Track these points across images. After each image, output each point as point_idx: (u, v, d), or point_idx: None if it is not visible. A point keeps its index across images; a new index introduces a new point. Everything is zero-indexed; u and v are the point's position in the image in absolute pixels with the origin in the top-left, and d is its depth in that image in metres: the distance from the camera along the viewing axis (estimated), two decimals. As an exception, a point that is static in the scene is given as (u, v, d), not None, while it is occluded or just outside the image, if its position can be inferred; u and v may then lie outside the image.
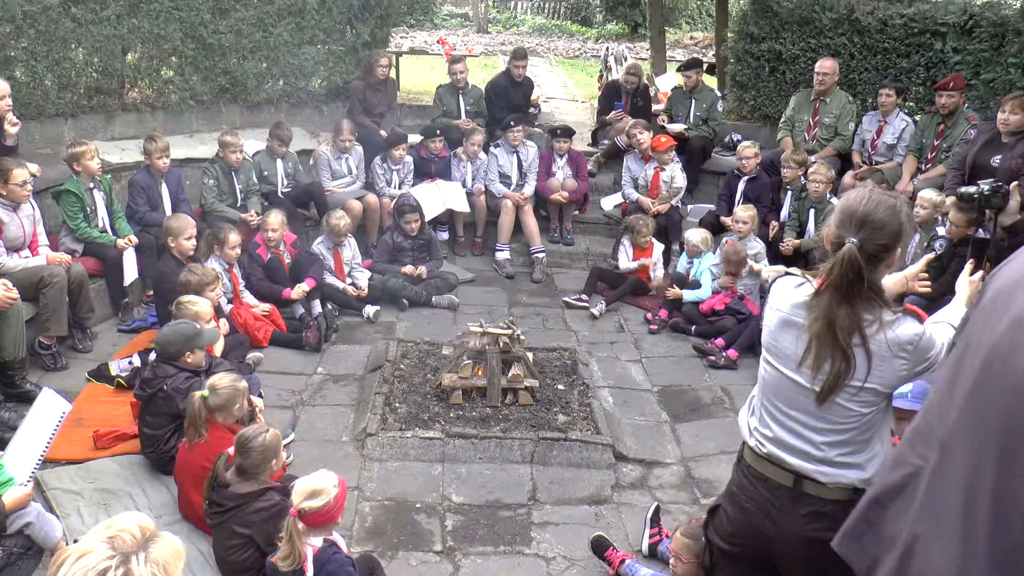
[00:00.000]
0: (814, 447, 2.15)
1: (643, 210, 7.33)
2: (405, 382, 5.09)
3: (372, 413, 4.67)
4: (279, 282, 5.99)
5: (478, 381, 4.88)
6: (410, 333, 6.02)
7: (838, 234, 2.05)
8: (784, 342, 2.14)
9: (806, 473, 2.14)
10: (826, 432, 2.15)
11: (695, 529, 3.13)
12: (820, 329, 2.04)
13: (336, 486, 2.93)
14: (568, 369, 5.41)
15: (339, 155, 7.26)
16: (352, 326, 6.18)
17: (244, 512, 3.20)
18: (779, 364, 2.16)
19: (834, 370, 2.05)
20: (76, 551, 1.36)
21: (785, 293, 2.18)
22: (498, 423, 4.68)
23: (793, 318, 2.13)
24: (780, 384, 2.17)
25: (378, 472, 4.29)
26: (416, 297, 6.52)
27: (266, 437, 3.27)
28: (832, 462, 2.15)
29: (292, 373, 5.35)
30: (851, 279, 2.00)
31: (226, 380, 3.64)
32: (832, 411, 2.13)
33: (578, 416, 4.82)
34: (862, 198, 2.07)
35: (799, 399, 2.14)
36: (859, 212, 2.04)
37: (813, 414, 2.14)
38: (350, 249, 6.54)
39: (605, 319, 6.57)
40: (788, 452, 2.18)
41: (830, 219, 2.14)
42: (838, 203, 2.13)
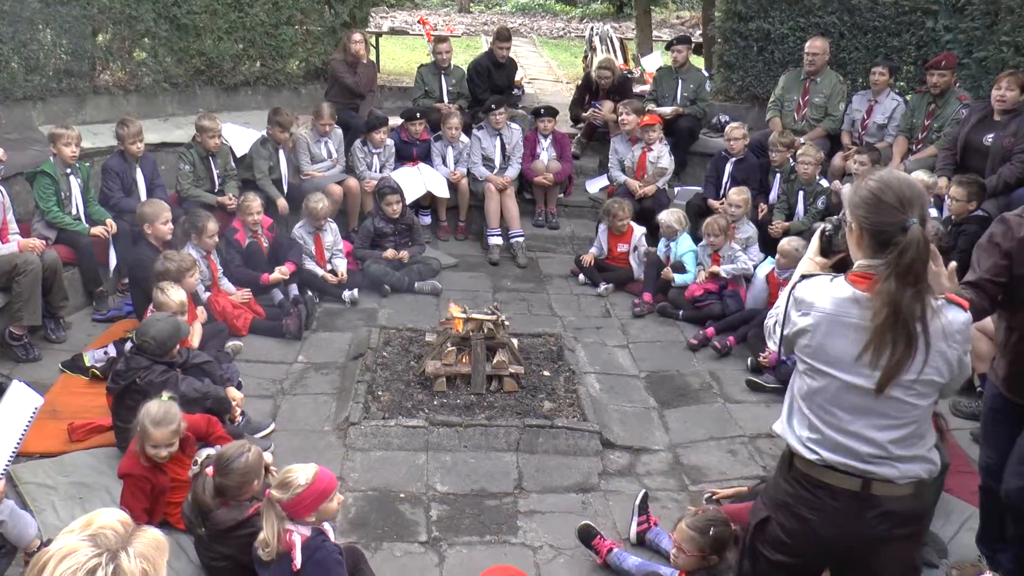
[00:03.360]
0: (880, 447, 2.15)
1: (630, 193, 7.34)
2: (388, 370, 5.06)
3: (354, 402, 4.64)
4: (258, 268, 5.94)
5: (462, 368, 4.87)
6: (392, 319, 5.99)
7: (894, 219, 2.04)
8: (836, 345, 2.10)
9: (875, 475, 2.16)
10: (889, 429, 2.14)
11: (701, 522, 3.12)
12: (886, 317, 2.01)
13: (304, 484, 2.87)
14: (554, 355, 5.41)
15: (318, 138, 7.20)
16: (333, 313, 6.14)
17: (231, 539, 3.14)
18: (832, 370, 2.11)
19: (895, 357, 2.04)
20: (58, 551, 1.33)
21: (822, 294, 2.12)
22: (483, 410, 4.66)
23: (844, 318, 2.09)
24: (834, 391, 2.14)
25: (361, 462, 4.28)
26: (398, 283, 6.50)
27: (248, 457, 3.18)
28: (901, 458, 2.16)
29: (272, 362, 5.32)
30: (922, 262, 2.01)
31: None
32: (892, 407, 2.13)
33: (564, 403, 4.81)
34: (900, 179, 2.10)
35: (857, 401, 2.13)
36: (909, 193, 2.05)
37: (874, 413, 2.14)
38: (331, 234, 6.50)
39: (592, 304, 6.58)
40: (852, 457, 2.15)
41: (855, 208, 2.11)
42: (868, 189, 2.10)
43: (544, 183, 7.65)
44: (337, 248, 6.53)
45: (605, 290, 6.71)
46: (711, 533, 3.07)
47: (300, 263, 6.16)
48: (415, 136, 7.58)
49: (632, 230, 6.89)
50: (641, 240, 6.90)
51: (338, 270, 6.41)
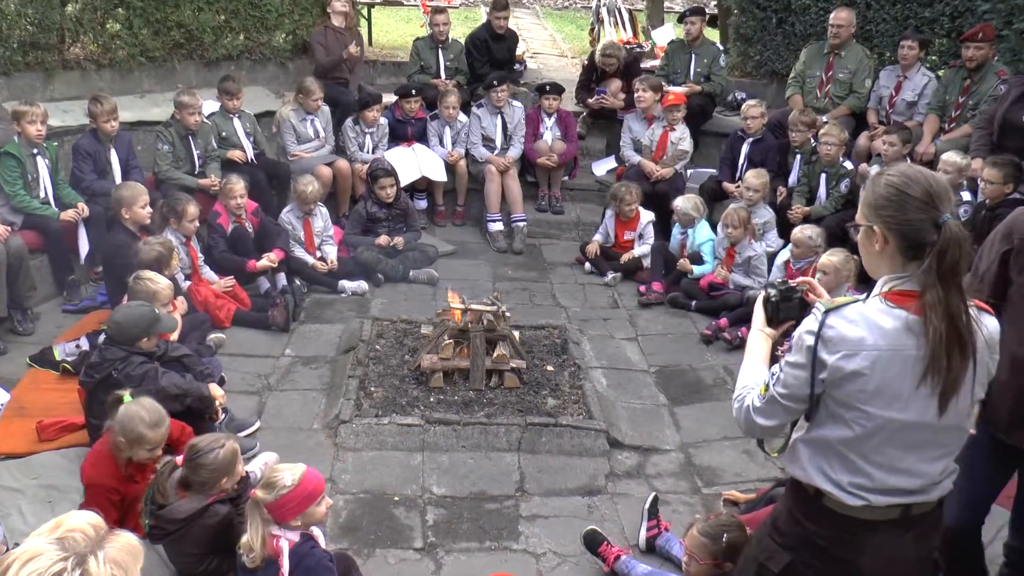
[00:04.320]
0: (930, 478, 2.15)
1: (645, 175, 7.30)
2: (381, 364, 5.05)
3: (345, 398, 4.63)
4: (243, 254, 5.92)
5: (460, 362, 4.85)
6: (386, 310, 5.97)
7: (925, 216, 1.99)
8: (895, 384, 2.02)
9: (916, 501, 2.16)
10: (942, 458, 2.15)
11: (713, 527, 3.10)
12: (946, 328, 1.96)
13: (291, 485, 2.86)
14: (558, 348, 5.40)
15: (304, 116, 7.16)
16: (322, 303, 6.13)
17: (189, 532, 3.12)
18: (890, 412, 2.05)
19: (952, 371, 1.99)
20: (23, 554, 1.33)
21: (867, 326, 2.01)
22: (482, 408, 4.66)
23: (902, 351, 2.00)
24: (890, 433, 2.07)
25: (352, 462, 4.27)
26: (392, 271, 6.48)
27: (219, 453, 3.15)
28: (941, 481, 2.19)
29: (257, 355, 5.31)
30: (965, 261, 1.98)
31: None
32: (951, 436, 2.12)
33: (569, 399, 4.81)
34: (922, 172, 2.05)
35: (915, 437, 2.09)
36: (936, 186, 2.01)
37: (932, 445, 2.11)
38: (321, 219, 6.47)
39: (599, 293, 6.56)
40: (901, 494, 2.14)
41: (878, 210, 2.04)
42: (891, 184, 2.03)
43: (548, 165, 7.61)
44: (327, 234, 6.51)
45: (612, 279, 6.69)
46: (725, 540, 3.05)
47: (288, 250, 6.15)
48: (410, 114, 7.54)
49: (640, 216, 6.87)
50: (648, 228, 6.88)
51: (328, 257, 6.39)
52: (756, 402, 2.17)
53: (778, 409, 2.14)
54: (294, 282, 6.11)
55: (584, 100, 8.48)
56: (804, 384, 2.06)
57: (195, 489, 3.17)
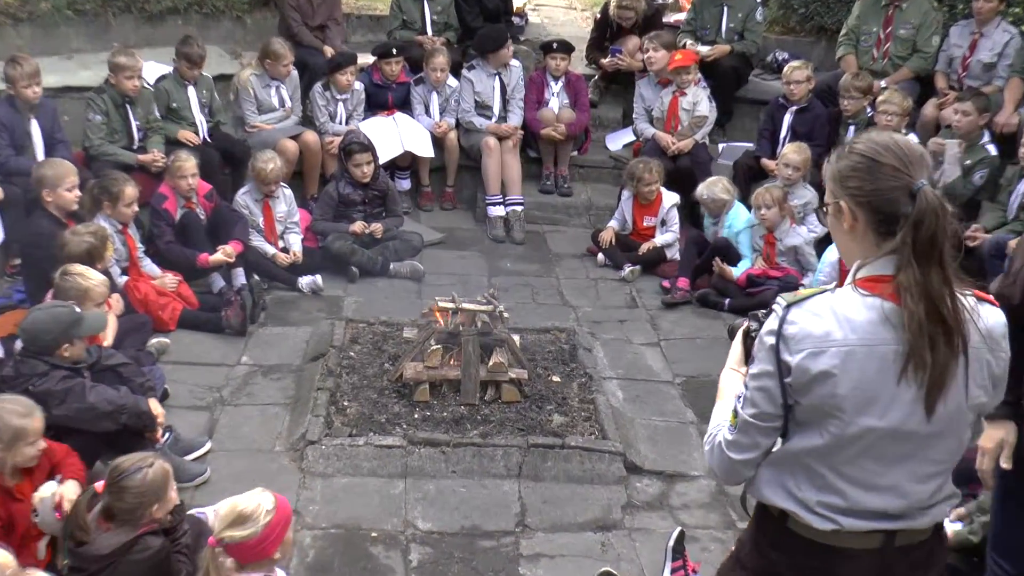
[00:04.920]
0: (918, 499, 2.13)
1: (661, 150, 7.26)
2: (356, 374, 5.04)
3: (313, 415, 4.62)
4: (194, 245, 5.91)
5: (450, 372, 4.84)
6: (362, 310, 5.95)
7: (898, 183, 2.00)
8: (872, 384, 2.03)
9: (901, 528, 2.14)
10: (934, 477, 2.13)
11: None
12: (924, 311, 1.96)
13: (271, 511, 2.91)
14: (565, 355, 5.38)
15: (268, 82, 7.14)
16: (286, 302, 6.11)
17: (117, 571, 3.06)
18: (868, 418, 2.05)
19: (939, 361, 1.98)
20: None
21: (836, 319, 2.02)
22: (476, 426, 4.64)
23: (878, 346, 2.01)
24: (870, 442, 2.06)
25: (322, 491, 4.26)
26: (369, 264, 6.45)
27: (147, 474, 3.13)
28: (935, 504, 2.16)
29: (209, 364, 5.30)
30: (943, 233, 1.96)
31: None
32: (942, 449, 2.11)
33: (578, 416, 4.80)
34: (894, 138, 2.09)
35: (899, 449, 2.09)
36: (909, 152, 2.03)
37: (918, 459, 2.10)
38: (284, 203, 6.45)
39: (614, 290, 6.56)
40: (881, 519, 2.13)
41: (844, 181, 2.06)
42: (858, 152, 2.06)
43: (554, 137, 7.60)
44: (291, 220, 6.49)
45: (630, 273, 6.68)
46: None
47: (247, 241, 6.13)
48: (391, 78, 7.52)
49: (662, 198, 6.84)
50: (672, 213, 6.85)
51: (292, 248, 6.37)
52: (727, 435, 2.17)
53: (753, 434, 2.13)
54: (252, 277, 6.10)
55: (597, 61, 8.47)
56: (774, 394, 2.07)
57: (121, 519, 3.14)
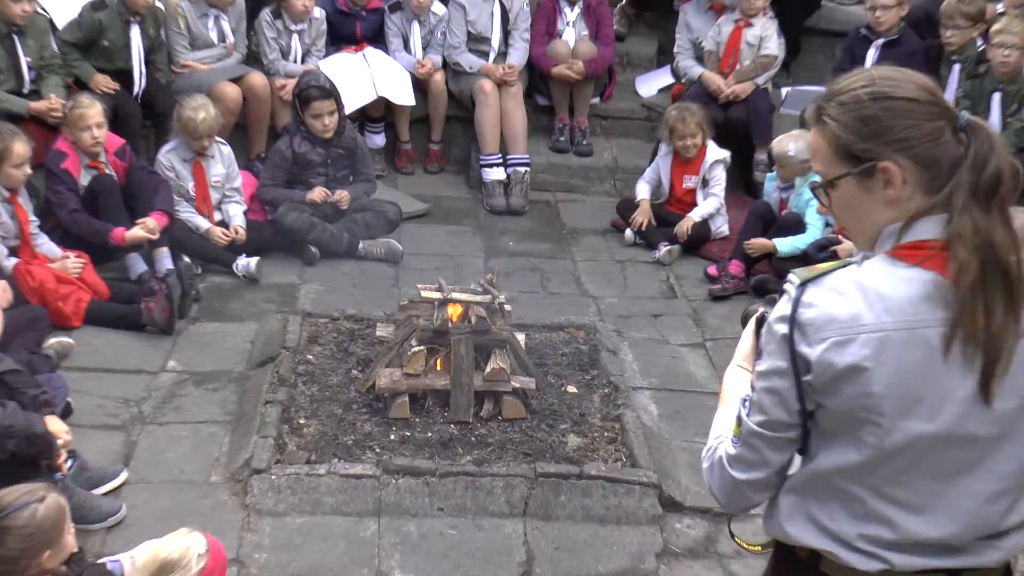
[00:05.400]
0: (986, 528, 2.10)
1: (709, 96, 7.27)
2: (315, 383, 5.04)
3: (260, 436, 4.60)
4: (106, 217, 5.91)
5: (436, 381, 4.84)
6: (323, 302, 5.95)
7: (945, 118, 2.02)
8: (915, 376, 2.02)
9: (966, 565, 2.12)
10: (1004, 496, 2.09)
11: None
12: (980, 264, 1.93)
13: (203, 556, 2.95)
14: (584, 360, 5.38)
15: (206, 10, 7.15)
16: (224, 291, 6.11)
17: None
18: (908, 423, 2.03)
19: (995, 322, 1.94)
20: None
21: (866, 298, 2.01)
22: (469, 450, 4.64)
23: (922, 328, 2.00)
24: (916, 453, 2.05)
25: (272, 534, 4.24)
26: (332, 242, 6.46)
27: (37, 511, 3.11)
28: (1006, 532, 2.13)
29: (125, 371, 5.30)
30: (1003, 169, 1.97)
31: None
32: (1010, 455, 2.08)
33: (600, 437, 4.81)
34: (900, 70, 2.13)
35: (956, 459, 2.07)
36: (927, 81, 2.07)
37: (984, 471, 2.07)
38: (221, 163, 6.46)
39: (647, 275, 6.55)
40: (940, 555, 2.10)
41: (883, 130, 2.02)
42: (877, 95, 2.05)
43: (569, 77, 7.61)
44: (231, 186, 6.50)
45: (667, 254, 6.68)
46: None
47: (173, 212, 6.13)
48: (359, 4, 7.51)
49: (705, 153, 6.85)
50: (716, 171, 6.84)
51: (232, 222, 6.37)
52: (730, 448, 2.15)
53: (761, 447, 2.10)
54: (181, 259, 6.08)
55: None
56: (788, 397, 2.04)
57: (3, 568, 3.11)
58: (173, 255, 6.07)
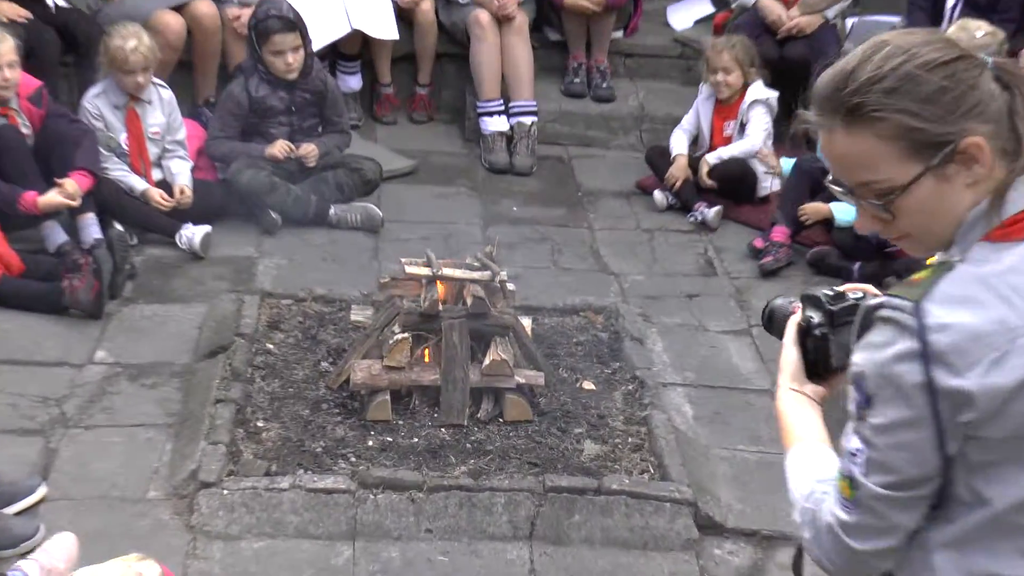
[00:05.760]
0: None
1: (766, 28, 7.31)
2: (277, 378, 5.07)
3: (210, 442, 4.61)
4: (15, 179, 5.87)
5: (424, 375, 4.86)
6: (286, 279, 5.97)
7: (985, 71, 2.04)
8: None
9: None
10: None
11: None
12: None
13: None
14: (604, 350, 5.41)
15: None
16: (166, 266, 6.12)
17: None
18: None
19: None
20: None
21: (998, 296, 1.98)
22: (464, 459, 4.66)
23: None
24: None
25: (223, 561, 4.24)
26: (297, 207, 6.48)
27: None
28: None
29: (43, 363, 5.30)
30: None
31: None
32: None
33: (624, 444, 4.84)
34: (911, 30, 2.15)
35: None
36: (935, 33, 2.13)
37: None
38: (160, 110, 6.44)
39: (681, 247, 6.57)
40: None
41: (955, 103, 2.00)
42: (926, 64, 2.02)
43: (584, 7, 7.61)
44: (173, 139, 6.49)
45: (708, 216, 6.71)
46: None
47: (100, 171, 6.13)
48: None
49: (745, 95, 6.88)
50: (754, 111, 6.85)
51: (176, 182, 6.36)
52: (841, 514, 2.09)
53: (889, 512, 2.05)
54: (112, 227, 6.08)
55: None
56: (926, 448, 1.99)
57: None
58: (102, 222, 6.06)
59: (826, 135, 2.04)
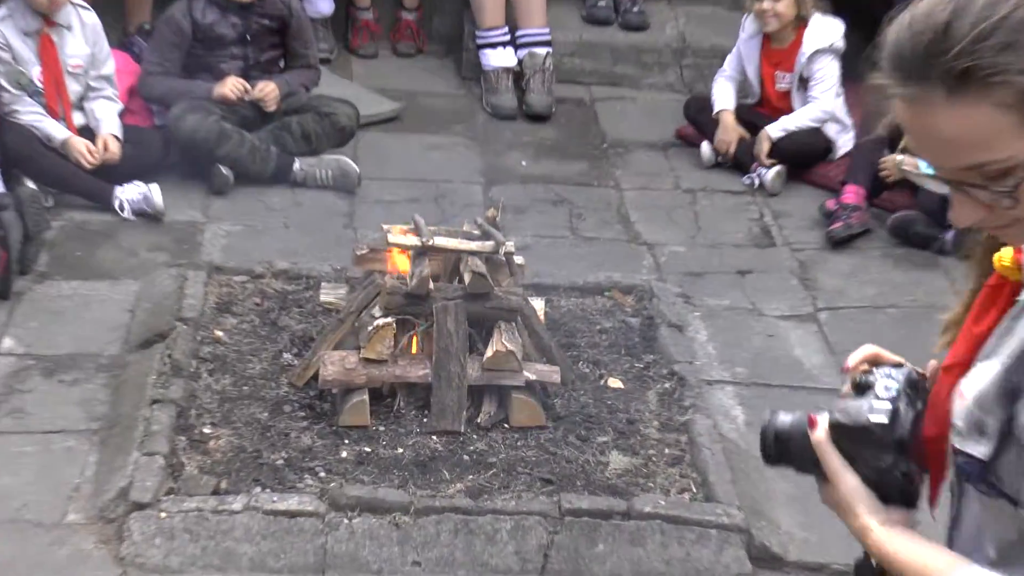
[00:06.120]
0: None
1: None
2: (228, 373, 5.11)
3: (144, 453, 4.63)
4: None
5: (410, 370, 4.87)
6: (239, 250, 6.02)
7: None
8: None
9: None
10: None
11: None
12: None
13: None
14: (635, 339, 5.45)
15: None
16: (90, 233, 6.16)
17: None
18: None
19: None
20: None
21: None
22: (461, 474, 4.68)
23: None
24: None
25: (161, 599, 4.28)
26: (253, 161, 6.50)
27: None
28: None
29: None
30: None
31: None
32: None
33: (659, 457, 4.88)
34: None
35: None
36: None
37: None
38: (82, 38, 6.45)
39: (730, 211, 6.62)
40: None
41: None
42: None
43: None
44: (99, 75, 6.51)
45: (767, 178, 6.75)
46: None
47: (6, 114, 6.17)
48: None
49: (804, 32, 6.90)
50: (816, 62, 6.90)
51: (101, 130, 6.38)
52: None
53: None
54: (21, 186, 6.11)
55: None
56: None
57: None
58: (6, 178, 6.08)
59: (918, 110, 1.87)
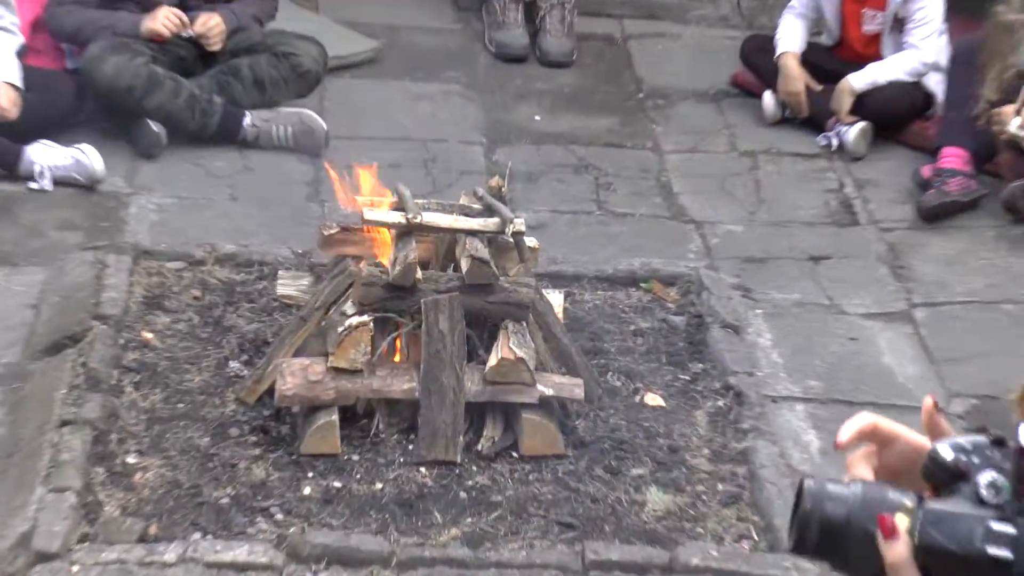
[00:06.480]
0: None
1: None
2: (159, 386, 5.09)
3: (51, 488, 4.57)
4: None
5: (392, 382, 4.82)
6: (174, 229, 6.01)
7: None
8: None
9: None
10: None
11: None
12: None
13: None
14: (680, 342, 5.43)
15: None
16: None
17: None
18: None
19: None
20: None
21: None
22: (457, 517, 4.63)
23: None
24: None
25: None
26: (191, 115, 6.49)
27: None
28: None
29: None
30: None
31: None
32: None
33: (710, 493, 4.83)
34: None
35: None
36: None
37: None
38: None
39: (803, 183, 6.59)
40: None
41: None
42: None
43: None
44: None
45: (849, 138, 6.72)
46: None
47: None
48: None
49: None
50: (921, 5, 6.90)
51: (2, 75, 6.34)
52: None
53: None
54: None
55: None
56: None
57: None
58: None
59: None
